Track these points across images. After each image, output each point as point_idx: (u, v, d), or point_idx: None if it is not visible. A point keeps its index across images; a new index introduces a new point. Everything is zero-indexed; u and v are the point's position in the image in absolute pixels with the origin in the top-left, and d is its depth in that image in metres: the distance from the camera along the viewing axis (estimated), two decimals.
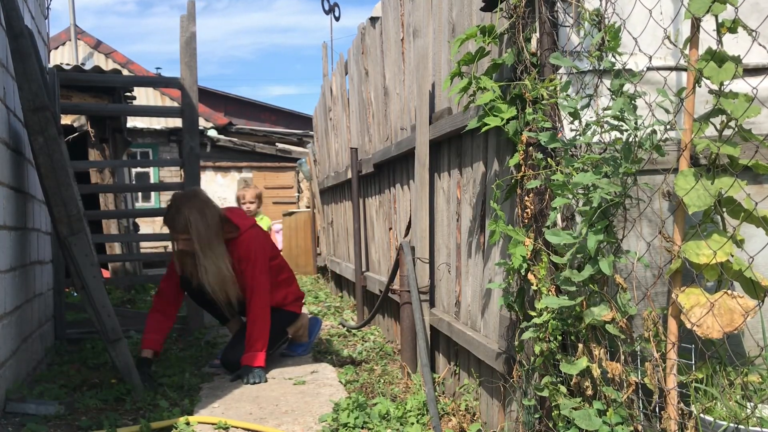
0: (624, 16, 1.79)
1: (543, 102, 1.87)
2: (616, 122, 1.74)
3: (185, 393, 2.91)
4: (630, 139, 1.71)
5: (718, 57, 1.64)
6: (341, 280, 6.11)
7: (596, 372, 1.71)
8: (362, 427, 2.40)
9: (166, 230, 3.25)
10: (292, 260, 7.83)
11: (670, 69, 1.90)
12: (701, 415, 1.59)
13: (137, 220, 8.83)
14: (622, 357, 1.72)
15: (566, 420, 1.72)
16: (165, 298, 3.32)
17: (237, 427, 2.46)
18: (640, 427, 1.69)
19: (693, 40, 1.71)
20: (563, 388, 1.78)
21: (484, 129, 2.03)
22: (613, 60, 1.77)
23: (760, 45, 1.49)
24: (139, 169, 12.36)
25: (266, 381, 3.09)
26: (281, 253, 4.07)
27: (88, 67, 7.86)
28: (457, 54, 2.39)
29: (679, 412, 1.66)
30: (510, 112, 2.01)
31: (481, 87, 2.10)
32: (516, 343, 1.98)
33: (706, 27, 1.70)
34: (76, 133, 6.31)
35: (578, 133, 1.81)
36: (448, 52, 2.69)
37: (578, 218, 1.82)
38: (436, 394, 2.71)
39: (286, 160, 13.39)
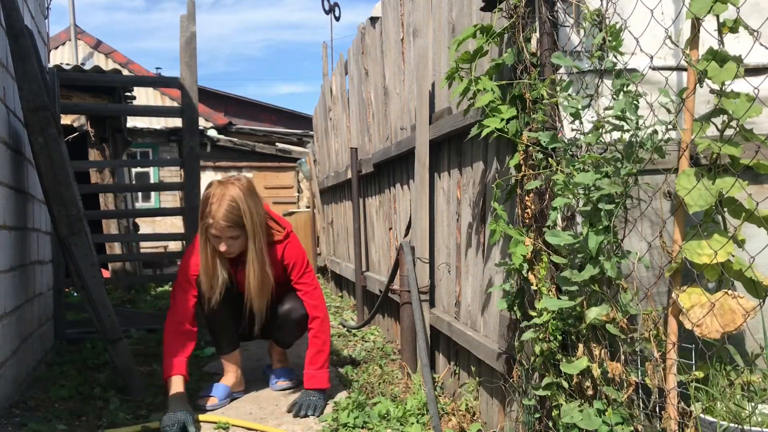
0: (624, 16, 1.79)
1: (543, 102, 1.87)
2: (617, 122, 1.74)
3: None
4: (631, 139, 1.71)
5: (719, 57, 1.64)
6: (341, 280, 6.11)
7: (596, 372, 1.71)
8: (362, 427, 2.40)
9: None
10: None
11: (671, 69, 1.90)
12: (701, 414, 1.59)
13: (137, 220, 8.83)
14: (623, 357, 1.72)
15: (566, 420, 1.72)
16: (182, 317, 2.67)
17: (237, 427, 2.46)
18: (640, 427, 1.69)
19: (694, 40, 1.71)
20: (564, 387, 1.78)
21: (485, 132, 2.03)
22: (614, 60, 1.77)
23: (762, 45, 1.49)
24: (139, 169, 12.36)
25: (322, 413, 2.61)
26: None
27: (88, 67, 7.86)
28: (456, 54, 2.39)
29: (680, 411, 1.66)
30: (510, 112, 2.01)
31: (481, 88, 2.10)
32: (516, 343, 1.98)
33: (707, 27, 1.70)
34: (76, 133, 6.31)
35: (579, 132, 1.81)
36: (448, 52, 2.69)
37: (579, 218, 1.82)
38: (436, 393, 2.71)
39: (286, 160, 13.39)
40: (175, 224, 11.21)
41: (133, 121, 11.73)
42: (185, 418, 2.38)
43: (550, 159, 1.85)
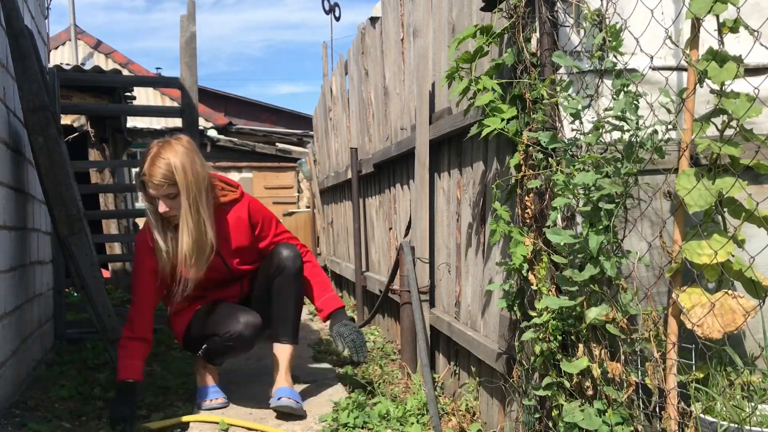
0: (625, 16, 1.79)
1: (543, 102, 1.87)
2: (617, 122, 1.74)
3: (185, 392, 2.91)
4: (632, 139, 1.71)
5: (719, 57, 1.64)
6: (341, 280, 6.11)
7: (596, 372, 1.71)
8: (362, 427, 2.40)
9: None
10: None
11: (671, 69, 1.90)
12: (701, 414, 1.59)
13: (137, 220, 8.82)
14: (623, 357, 1.72)
15: (566, 420, 1.72)
16: (141, 318, 2.54)
17: (237, 427, 2.46)
18: (640, 427, 1.69)
19: (694, 40, 1.71)
20: (564, 387, 1.78)
21: (485, 132, 2.03)
22: (614, 60, 1.77)
23: (762, 45, 1.49)
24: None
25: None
26: None
27: (88, 67, 7.86)
28: (456, 53, 2.39)
29: (680, 412, 1.66)
30: (510, 112, 2.01)
31: (481, 88, 2.10)
32: (516, 343, 1.98)
33: (708, 27, 1.70)
34: (76, 133, 6.31)
35: (579, 132, 1.81)
36: (448, 52, 2.69)
37: (578, 218, 1.82)
38: (436, 393, 2.71)
39: (286, 160, 13.39)
40: None
41: (133, 121, 11.73)
42: (127, 414, 2.39)
43: (550, 159, 1.85)
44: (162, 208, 2.42)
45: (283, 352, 2.63)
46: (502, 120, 2.00)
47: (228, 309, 2.58)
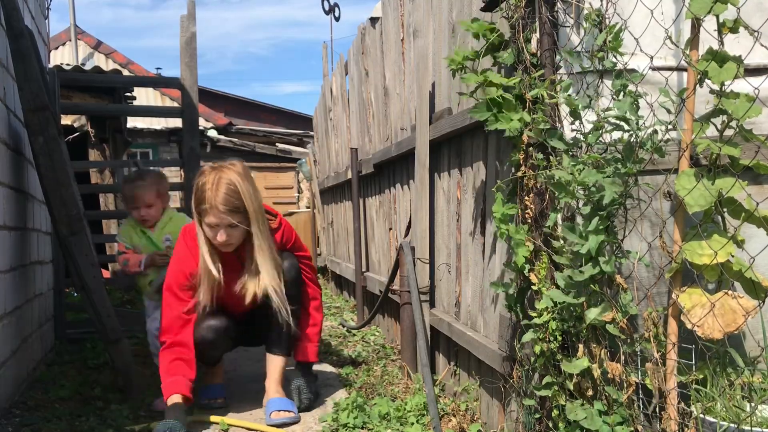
0: (624, 17, 1.79)
1: (543, 102, 1.87)
2: (618, 122, 1.74)
3: None
4: (632, 140, 1.71)
5: (719, 57, 1.64)
6: (341, 280, 6.11)
7: (597, 372, 1.71)
8: (362, 427, 2.40)
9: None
10: None
11: (671, 69, 1.90)
12: (701, 415, 1.59)
13: None
14: (623, 357, 1.72)
15: (566, 420, 1.72)
16: (178, 336, 2.46)
17: (237, 427, 2.46)
18: (640, 428, 1.69)
19: (694, 40, 1.71)
20: (566, 386, 1.78)
21: (493, 126, 1.98)
22: (614, 60, 1.77)
23: (763, 45, 1.49)
24: None
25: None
26: None
27: (88, 67, 7.86)
28: (463, 44, 2.39)
29: (680, 412, 1.66)
30: (520, 112, 1.98)
31: (488, 82, 2.06)
32: (516, 343, 1.98)
33: (707, 27, 1.70)
34: (76, 133, 6.31)
35: (579, 132, 1.82)
36: (448, 52, 2.69)
37: (579, 219, 1.82)
38: (436, 394, 2.71)
39: (286, 160, 13.39)
40: None
41: (133, 122, 11.73)
42: (174, 426, 2.25)
43: (550, 159, 1.85)
44: (222, 237, 2.36)
45: (274, 363, 2.67)
46: (512, 120, 1.97)
47: (205, 315, 2.57)
